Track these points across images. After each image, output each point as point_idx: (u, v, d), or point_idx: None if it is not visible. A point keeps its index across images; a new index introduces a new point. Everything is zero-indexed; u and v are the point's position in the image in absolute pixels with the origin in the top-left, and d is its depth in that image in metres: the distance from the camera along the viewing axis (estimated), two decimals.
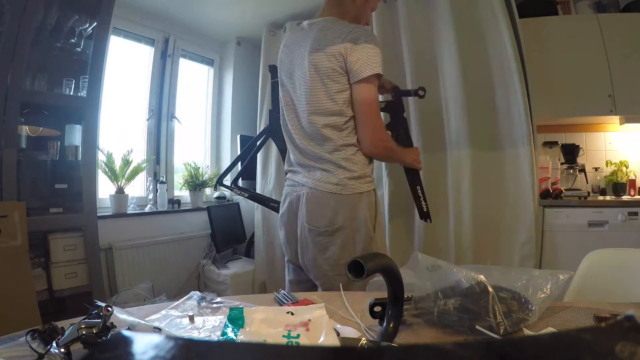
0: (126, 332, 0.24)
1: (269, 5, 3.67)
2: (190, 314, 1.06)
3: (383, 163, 3.04)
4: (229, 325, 0.93)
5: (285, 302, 1.13)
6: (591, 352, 0.22)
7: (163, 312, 1.08)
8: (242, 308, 0.99)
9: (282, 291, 1.23)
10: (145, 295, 3.12)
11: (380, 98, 3.04)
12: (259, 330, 0.91)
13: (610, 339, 0.23)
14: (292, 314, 0.96)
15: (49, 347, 0.77)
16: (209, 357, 0.22)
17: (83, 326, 0.79)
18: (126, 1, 3.32)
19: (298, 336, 0.89)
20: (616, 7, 3.22)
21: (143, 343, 0.24)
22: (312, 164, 1.65)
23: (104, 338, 0.79)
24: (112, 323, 0.84)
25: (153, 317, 1.04)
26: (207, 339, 0.94)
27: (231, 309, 1.00)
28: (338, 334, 0.91)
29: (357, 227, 1.59)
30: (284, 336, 0.89)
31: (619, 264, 1.40)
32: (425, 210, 2.31)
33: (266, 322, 0.94)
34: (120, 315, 0.86)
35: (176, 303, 1.14)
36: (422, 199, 2.31)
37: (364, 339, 0.87)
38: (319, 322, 0.94)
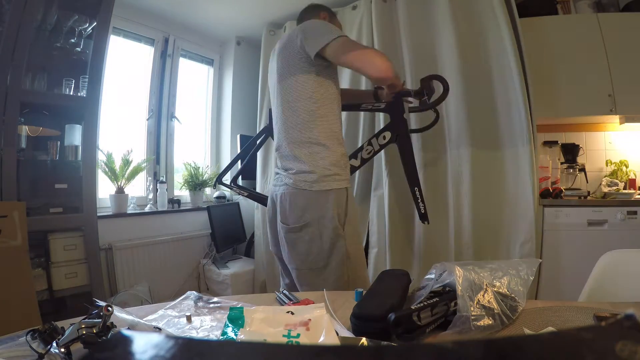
0: (126, 332, 0.24)
1: (269, 5, 3.67)
2: (188, 314, 1.06)
3: (383, 163, 3.04)
4: (229, 324, 0.93)
5: (286, 301, 1.13)
6: (591, 351, 0.22)
7: (160, 312, 1.08)
8: (242, 307, 0.99)
9: (284, 291, 1.22)
10: (142, 298, 3.12)
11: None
12: (259, 329, 0.91)
13: (610, 338, 0.23)
14: (292, 313, 0.96)
15: (49, 347, 0.77)
16: (210, 357, 0.22)
17: (83, 326, 0.78)
18: (126, 1, 3.32)
19: (298, 335, 0.89)
20: (616, 6, 3.22)
21: (143, 342, 0.24)
22: (288, 164, 1.73)
23: (104, 338, 0.79)
24: (112, 323, 0.84)
25: (150, 317, 1.04)
26: (207, 338, 0.94)
27: (231, 308, 0.99)
28: (337, 334, 0.91)
29: (324, 224, 1.64)
30: (284, 335, 0.89)
31: (635, 265, 1.39)
32: (422, 211, 2.32)
33: (266, 322, 0.94)
34: (119, 314, 0.86)
35: (173, 303, 1.14)
36: (419, 200, 2.31)
37: (363, 338, 0.87)
38: (319, 321, 0.94)
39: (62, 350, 0.76)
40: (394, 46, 3.17)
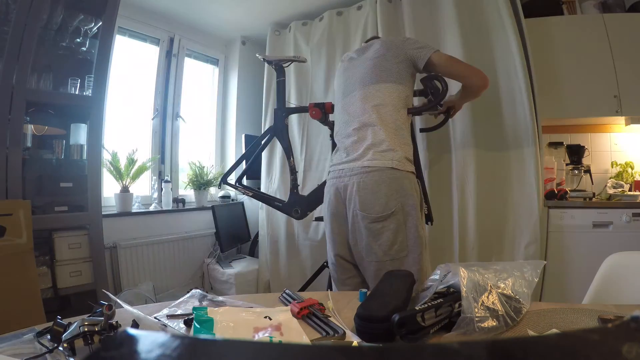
0: (132, 331, 0.24)
1: (274, 5, 3.67)
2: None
3: None
4: (198, 326, 0.91)
5: (291, 301, 1.13)
6: (598, 353, 0.22)
7: (165, 310, 1.08)
8: (205, 308, 0.98)
9: (287, 290, 1.22)
10: (147, 296, 3.13)
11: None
12: (231, 334, 0.90)
13: (617, 339, 0.23)
14: (269, 317, 0.96)
15: (56, 344, 0.78)
16: (217, 356, 0.22)
17: (86, 323, 0.79)
18: (131, 1, 3.32)
19: (271, 338, 0.89)
20: (622, 7, 3.20)
21: (149, 341, 0.24)
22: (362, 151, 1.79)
23: (107, 335, 0.80)
24: (117, 322, 0.84)
25: (155, 315, 1.04)
26: (213, 337, 0.94)
27: (194, 308, 0.98)
28: (327, 334, 0.91)
29: (408, 211, 1.68)
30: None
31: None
32: (426, 212, 2.31)
33: (235, 324, 0.93)
34: (125, 306, 0.86)
35: (178, 301, 1.14)
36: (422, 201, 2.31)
37: (355, 342, 0.87)
38: (290, 325, 0.94)
39: (65, 345, 0.77)
40: None
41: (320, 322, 0.97)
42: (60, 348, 0.77)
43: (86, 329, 0.78)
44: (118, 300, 0.92)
